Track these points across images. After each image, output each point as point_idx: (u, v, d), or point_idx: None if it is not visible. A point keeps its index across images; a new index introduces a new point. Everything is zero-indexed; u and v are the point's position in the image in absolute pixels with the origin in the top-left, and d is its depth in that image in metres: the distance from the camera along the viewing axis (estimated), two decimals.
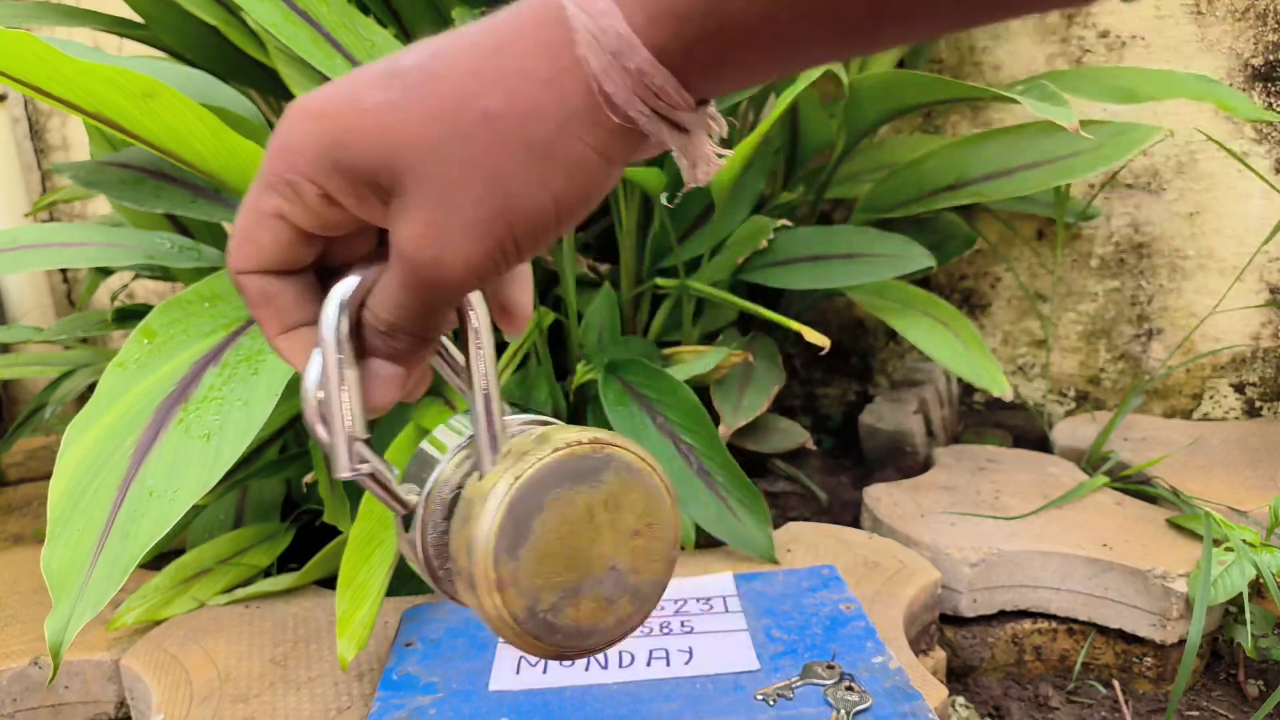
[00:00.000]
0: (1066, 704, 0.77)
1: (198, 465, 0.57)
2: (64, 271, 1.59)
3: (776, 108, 0.80)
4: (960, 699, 0.78)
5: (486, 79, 0.27)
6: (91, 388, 0.61)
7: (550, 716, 0.59)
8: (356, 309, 0.32)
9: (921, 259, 0.93)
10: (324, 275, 0.33)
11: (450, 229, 0.28)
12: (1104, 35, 1.13)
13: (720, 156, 0.30)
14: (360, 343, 0.32)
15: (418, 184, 0.27)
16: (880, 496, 0.91)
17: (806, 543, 0.82)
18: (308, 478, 0.82)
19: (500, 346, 0.89)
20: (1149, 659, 0.78)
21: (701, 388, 0.93)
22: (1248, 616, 0.75)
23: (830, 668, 0.61)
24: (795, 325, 0.84)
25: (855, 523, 0.95)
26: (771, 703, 0.59)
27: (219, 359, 0.63)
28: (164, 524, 0.55)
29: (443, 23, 0.99)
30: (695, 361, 0.91)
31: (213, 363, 0.62)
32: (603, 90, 0.26)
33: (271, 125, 1.11)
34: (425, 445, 0.38)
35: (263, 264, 0.31)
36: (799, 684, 0.60)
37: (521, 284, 0.35)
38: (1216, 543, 0.76)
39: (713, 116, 0.29)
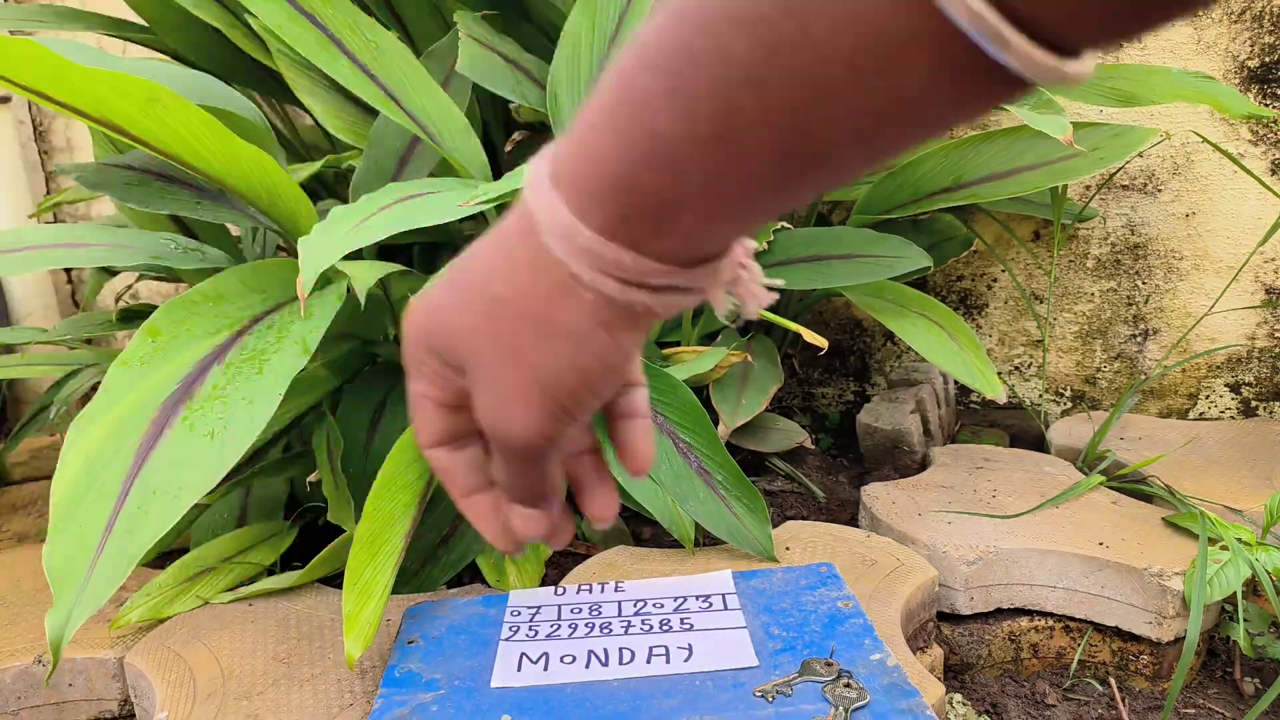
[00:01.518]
0: (1063, 701, 0.78)
1: (201, 463, 0.58)
2: (68, 272, 1.59)
3: None
4: (957, 696, 0.78)
5: (492, 269, 0.31)
6: (95, 388, 0.62)
7: (551, 713, 0.60)
8: None
9: (918, 259, 0.94)
10: None
11: (504, 399, 0.32)
12: None
13: (769, 289, 0.33)
14: None
15: (473, 364, 0.32)
16: (878, 495, 0.92)
17: (805, 541, 0.83)
18: (311, 476, 0.83)
19: None
20: (1145, 656, 0.79)
21: (700, 387, 0.93)
22: (1242, 615, 0.76)
23: (828, 665, 0.62)
24: (794, 326, 0.84)
25: (853, 521, 0.95)
26: (770, 699, 0.59)
27: (223, 358, 0.63)
28: (167, 522, 0.56)
29: (444, 25, 1.00)
30: (694, 361, 0.91)
31: (217, 361, 0.63)
32: (569, 270, 0.29)
33: (274, 127, 1.11)
34: None
35: (432, 439, 0.36)
36: (797, 681, 0.61)
37: (636, 430, 0.38)
38: (1212, 541, 0.76)
39: (741, 264, 0.32)
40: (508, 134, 1.04)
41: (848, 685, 0.59)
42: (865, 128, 0.24)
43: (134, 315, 0.99)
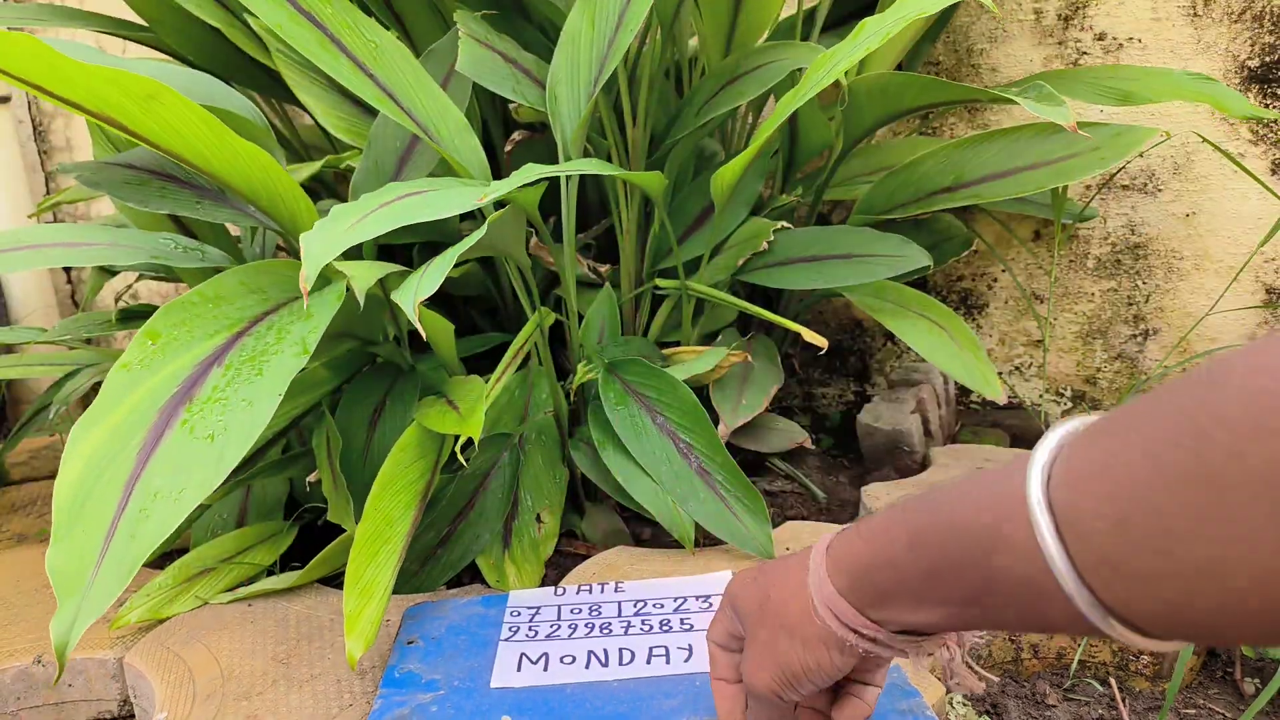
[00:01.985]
0: (1064, 701, 0.78)
1: (202, 465, 0.58)
2: (68, 272, 1.59)
3: (775, 114, 0.80)
4: (958, 696, 0.78)
5: (777, 581, 0.47)
6: (95, 388, 0.62)
7: (551, 713, 0.60)
8: None
9: (919, 258, 0.94)
10: None
11: (754, 662, 0.48)
12: (1100, 38, 1.13)
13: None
14: None
15: (748, 632, 0.49)
16: (878, 495, 0.92)
17: (805, 541, 0.83)
18: (311, 477, 0.83)
19: (502, 348, 0.89)
20: (1145, 656, 0.79)
21: (701, 387, 0.93)
22: None
23: None
24: (794, 326, 0.84)
25: (853, 521, 0.95)
26: None
27: (223, 359, 0.63)
28: (169, 524, 0.56)
29: (443, 25, 1.00)
30: (694, 361, 0.91)
31: (217, 363, 0.63)
32: (813, 602, 0.44)
33: (274, 127, 1.11)
34: None
35: (715, 639, 0.52)
36: None
37: (850, 708, 0.50)
38: None
39: (949, 648, 0.46)
40: (507, 133, 1.04)
41: None
42: (1015, 627, 0.38)
43: (134, 315, 0.99)
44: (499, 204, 0.72)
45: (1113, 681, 0.79)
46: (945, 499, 0.38)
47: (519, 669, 0.65)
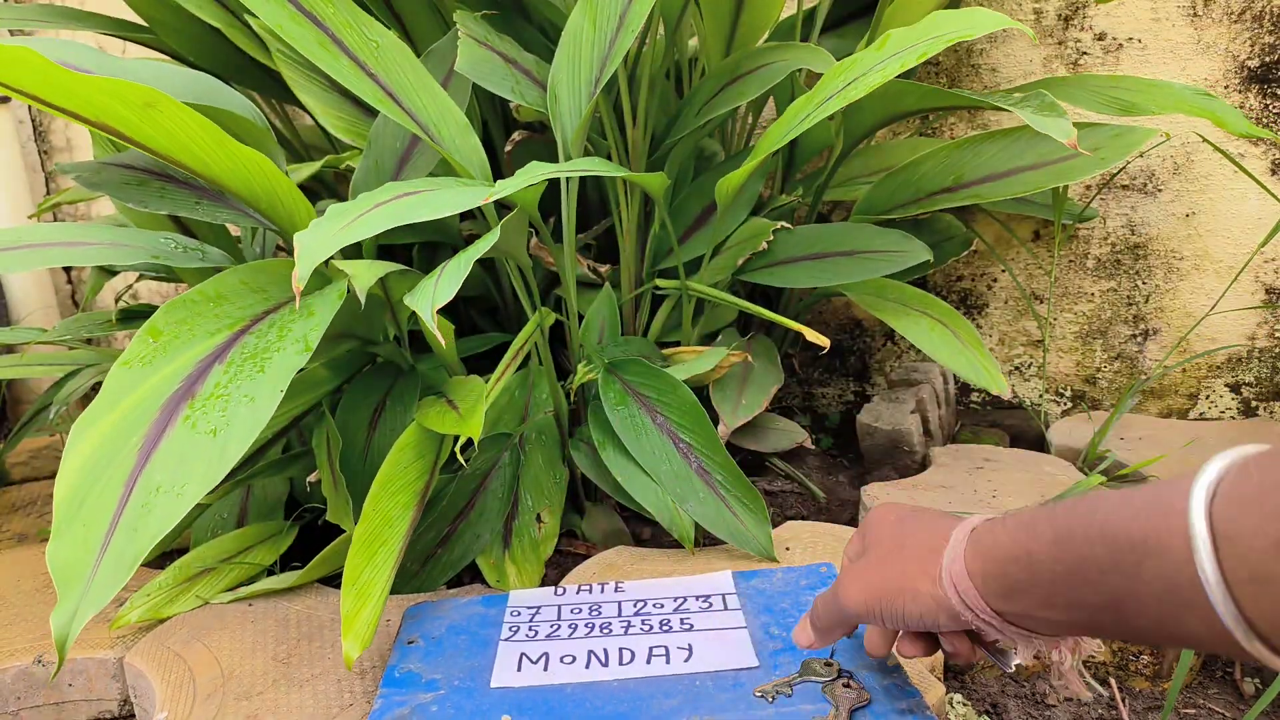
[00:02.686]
0: (1064, 701, 0.78)
1: (204, 461, 0.58)
2: (68, 272, 1.59)
3: (779, 121, 0.80)
4: (958, 696, 0.78)
5: (919, 530, 0.50)
6: (96, 388, 0.62)
7: (551, 713, 0.60)
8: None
9: (920, 253, 0.94)
10: None
11: (859, 579, 0.52)
12: (1100, 38, 1.13)
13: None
14: None
15: (870, 552, 0.52)
16: (878, 495, 0.92)
17: (805, 541, 0.83)
18: (311, 477, 0.83)
19: (502, 348, 0.89)
20: (1145, 657, 0.79)
21: (701, 387, 0.93)
22: None
23: (828, 665, 0.62)
24: (796, 325, 0.84)
25: (853, 521, 0.95)
26: (770, 699, 0.59)
27: (225, 356, 0.63)
28: (170, 520, 0.56)
29: (444, 25, 1.00)
30: (695, 361, 0.91)
31: (218, 360, 0.63)
32: (942, 574, 0.47)
33: (274, 127, 1.11)
34: None
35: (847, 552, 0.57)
36: (798, 681, 0.61)
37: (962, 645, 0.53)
38: None
39: (1060, 653, 0.48)
40: (507, 134, 1.04)
41: (847, 685, 0.59)
42: (1146, 637, 0.38)
43: (134, 315, 0.99)
44: (499, 204, 0.72)
45: (1112, 682, 0.79)
46: (1100, 504, 0.39)
47: (519, 669, 0.65)
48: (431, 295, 0.61)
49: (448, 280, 0.62)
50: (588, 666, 0.64)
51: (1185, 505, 0.33)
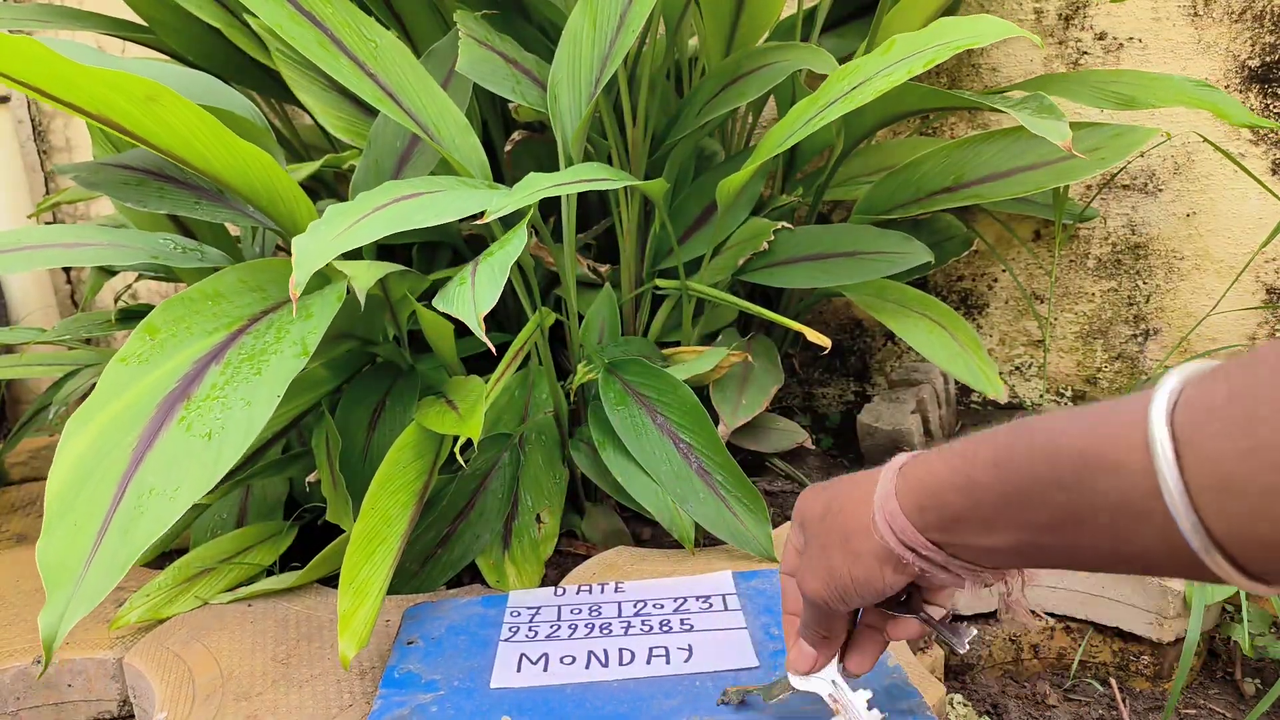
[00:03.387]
0: (1064, 702, 0.78)
1: (199, 464, 0.58)
2: (67, 272, 1.59)
3: (781, 124, 0.80)
4: (958, 697, 0.78)
5: (841, 492, 0.48)
6: (94, 388, 0.61)
7: (551, 714, 0.60)
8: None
9: (921, 255, 0.93)
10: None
11: (807, 571, 0.50)
12: (1101, 37, 1.13)
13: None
14: None
15: (808, 540, 0.50)
16: None
17: None
18: (311, 477, 0.82)
19: (501, 348, 0.89)
20: (1146, 657, 0.79)
21: (701, 387, 0.93)
22: (1245, 615, 0.75)
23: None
24: (796, 325, 0.84)
25: None
26: (735, 704, 0.58)
27: (222, 357, 0.63)
28: (163, 523, 0.55)
29: (444, 25, 1.00)
30: (695, 361, 0.91)
31: (215, 361, 0.63)
32: (874, 517, 0.44)
33: (274, 127, 1.11)
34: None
35: (786, 569, 0.54)
36: (782, 695, 0.57)
37: (869, 643, 0.54)
38: None
39: (1005, 578, 0.46)
40: (507, 133, 1.04)
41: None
42: (1093, 561, 0.37)
43: (133, 315, 0.99)
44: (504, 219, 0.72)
45: (1113, 682, 0.79)
46: (1042, 424, 0.37)
47: (519, 669, 0.64)
48: (472, 301, 0.61)
49: (485, 285, 0.62)
50: (588, 667, 0.64)
51: (1144, 415, 0.32)
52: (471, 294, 0.61)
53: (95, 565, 0.54)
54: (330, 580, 0.82)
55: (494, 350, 0.62)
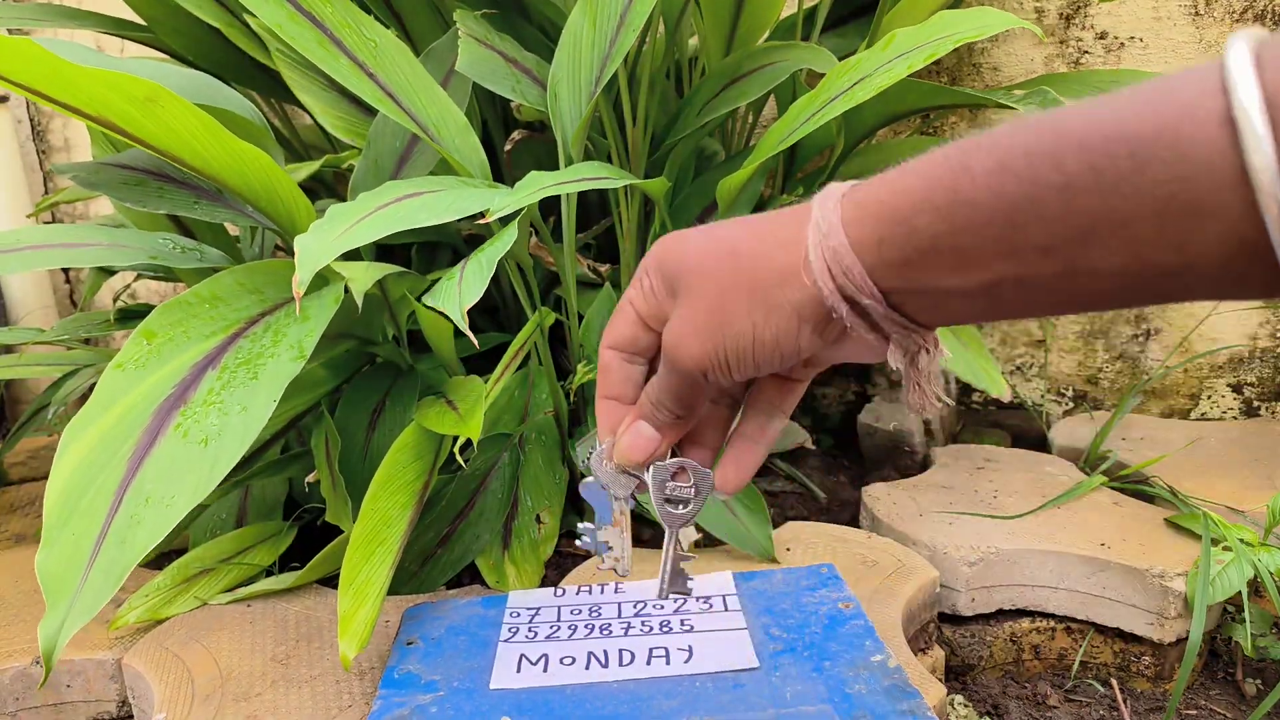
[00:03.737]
0: (1065, 702, 0.78)
1: (195, 471, 0.58)
2: (66, 272, 1.59)
3: (781, 122, 0.80)
4: (959, 697, 0.78)
5: (749, 231, 0.38)
6: (93, 388, 0.61)
7: (551, 714, 0.59)
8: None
9: None
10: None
11: (688, 329, 0.39)
12: (1102, 37, 1.13)
13: (939, 400, 0.39)
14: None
15: (685, 292, 0.39)
16: (879, 496, 0.91)
17: (805, 542, 0.82)
18: (310, 477, 0.82)
19: (501, 348, 0.89)
20: (1147, 658, 0.79)
21: None
22: (1246, 615, 0.75)
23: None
24: None
25: (854, 522, 0.95)
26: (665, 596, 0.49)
27: (218, 362, 0.63)
28: (160, 531, 0.55)
29: (443, 24, 0.99)
30: None
31: (212, 365, 0.63)
32: (806, 258, 0.35)
33: (273, 127, 1.11)
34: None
35: (614, 340, 0.43)
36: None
37: (748, 454, 0.45)
38: (1215, 542, 0.76)
39: (929, 353, 0.37)
40: (507, 133, 1.04)
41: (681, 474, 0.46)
42: (1090, 295, 0.30)
43: (132, 315, 0.99)
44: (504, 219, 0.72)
45: (1114, 682, 0.79)
46: (1069, 114, 0.30)
47: (519, 670, 0.64)
48: (458, 296, 0.60)
49: (472, 280, 0.61)
50: (587, 668, 0.64)
51: (1217, 84, 0.26)
52: (458, 288, 0.61)
53: (93, 575, 0.55)
54: (330, 581, 0.82)
55: (476, 344, 0.62)
